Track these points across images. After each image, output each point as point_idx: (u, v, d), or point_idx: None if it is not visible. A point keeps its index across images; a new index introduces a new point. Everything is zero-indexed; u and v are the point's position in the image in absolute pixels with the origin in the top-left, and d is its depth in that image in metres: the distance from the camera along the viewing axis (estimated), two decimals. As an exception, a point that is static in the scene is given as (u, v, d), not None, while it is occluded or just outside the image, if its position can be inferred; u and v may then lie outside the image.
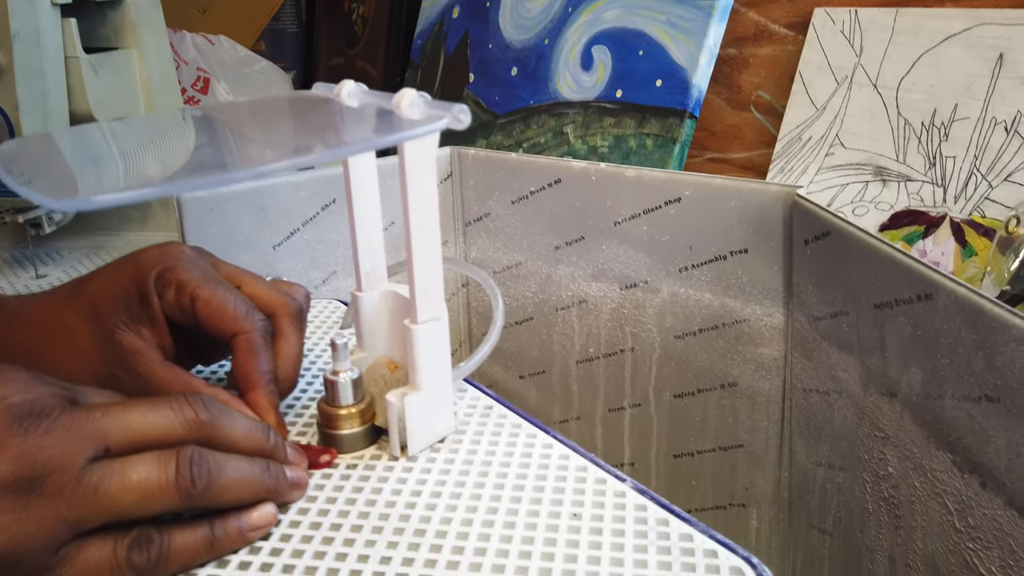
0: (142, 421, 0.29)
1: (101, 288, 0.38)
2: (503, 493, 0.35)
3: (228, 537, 0.30)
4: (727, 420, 0.62)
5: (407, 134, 0.32)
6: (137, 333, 0.37)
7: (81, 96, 0.85)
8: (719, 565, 0.30)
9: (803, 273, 0.52)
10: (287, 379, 0.40)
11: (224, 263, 0.41)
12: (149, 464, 0.28)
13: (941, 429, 0.39)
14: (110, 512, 0.27)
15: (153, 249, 0.39)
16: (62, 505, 0.26)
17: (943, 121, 0.64)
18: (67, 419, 0.27)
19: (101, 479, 0.27)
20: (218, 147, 0.32)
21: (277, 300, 0.41)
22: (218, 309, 0.37)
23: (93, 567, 0.27)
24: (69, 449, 0.26)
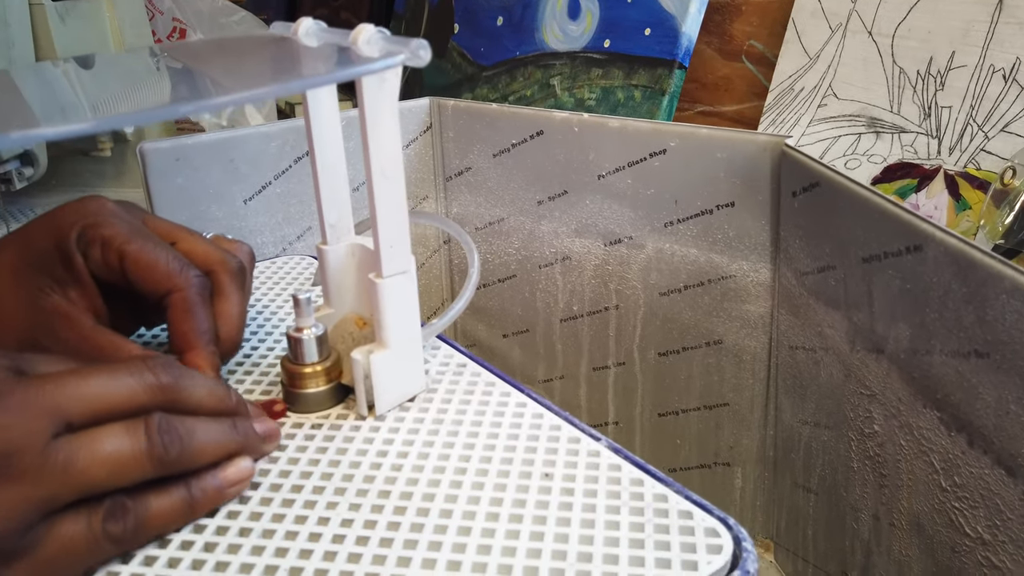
0: (101, 390, 0.27)
1: (19, 251, 0.36)
2: (473, 453, 0.34)
3: (206, 496, 0.29)
4: (712, 378, 0.61)
5: (361, 69, 0.29)
6: (64, 296, 0.35)
7: (48, 45, 0.82)
8: (694, 526, 0.29)
9: (790, 227, 0.51)
10: (229, 340, 0.37)
11: (157, 218, 0.38)
12: (118, 436, 0.26)
13: (928, 386, 0.38)
14: (82, 488, 0.25)
15: (72, 204, 0.36)
16: (28, 486, 0.24)
17: (939, 69, 0.62)
18: (20, 395, 0.25)
19: (69, 455, 0.25)
20: (167, 83, 0.30)
21: (215, 256, 0.38)
22: (148, 265, 0.35)
23: (68, 543, 0.25)
24: (28, 428, 0.25)
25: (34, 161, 0.83)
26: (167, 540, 0.29)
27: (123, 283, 0.35)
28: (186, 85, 0.29)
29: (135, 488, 0.28)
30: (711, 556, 0.28)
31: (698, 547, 0.28)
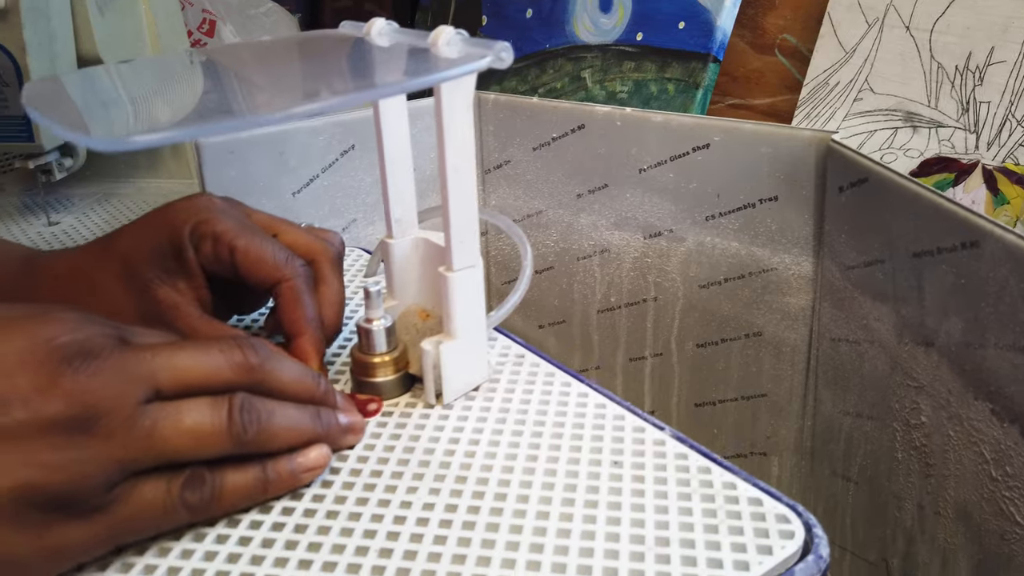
0: (192, 363, 0.28)
1: (133, 244, 0.38)
2: (541, 440, 0.35)
3: (280, 478, 0.31)
4: (750, 369, 0.62)
5: (447, 73, 0.30)
6: (173, 287, 0.37)
7: (88, 38, 0.83)
8: (764, 513, 0.30)
9: (836, 221, 0.52)
10: (332, 325, 0.40)
11: (256, 212, 0.41)
12: (202, 409, 0.28)
13: (981, 378, 0.39)
14: (163, 454, 0.27)
15: (184, 202, 0.38)
16: (115, 446, 0.26)
17: (978, 65, 0.63)
18: (118, 359, 0.27)
19: (155, 422, 0.27)
20: (250, 88, 0.31)
21: (316, 246, 0.40)
22: (258, 258, 0.37)
23: (147, 505, 0.27)
24: (121, 390, 0.26)
25: (74, 152, 0.85)
26: (259, 521, 0.30)
27: (231, 275, 0.37)
28: (291, 86, 0.31)
29: (215, 462, 0.29)
30: (784, 541, 0.29)
31: (770, 533, 0.29)
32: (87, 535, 0.26)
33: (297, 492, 0.32)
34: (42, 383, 0.25)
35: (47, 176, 0.82)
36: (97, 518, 0.26)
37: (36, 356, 0.25)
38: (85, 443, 0.25)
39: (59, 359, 0.26)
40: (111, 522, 0.26)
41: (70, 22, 0.80)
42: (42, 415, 0.25)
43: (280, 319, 0.37)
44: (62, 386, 0.25)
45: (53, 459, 0.25)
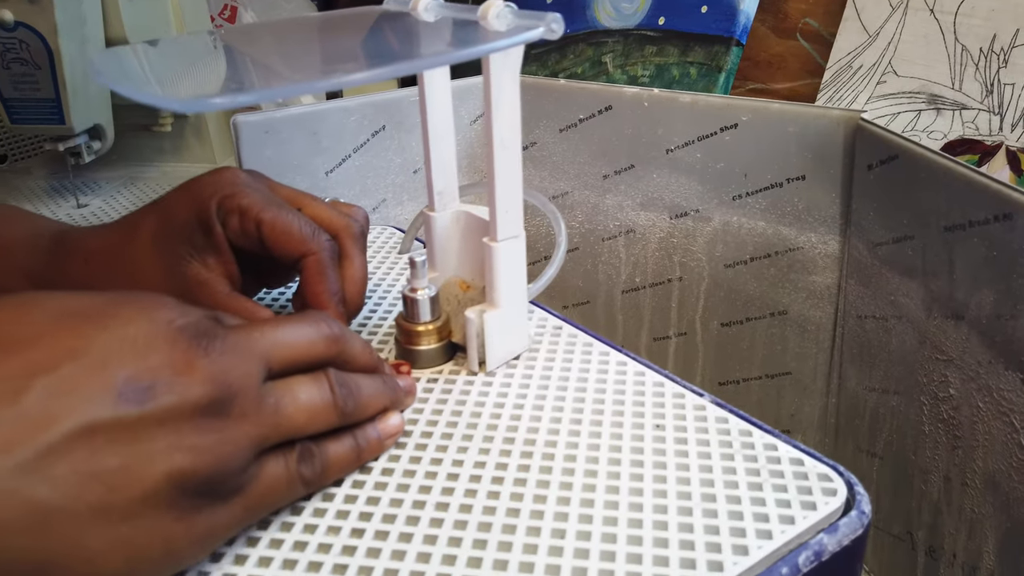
0: (294, 339, 0.29)
1: (162, 220, 0.38)
2: (584, 405, 0.36)
3: (370, 446, 0.32)
4: (775, 348, 0.63)
5: (498, 44, 0.31)
6: (203, 264, 0.37)
7: (116, 22, 0.84)
8: (807, 472, 0.31)
9: (864, 199, 0.52)
10: (354, 301, 0.40)
11: (281, 185, 0.41)
12: (310, 386, 0.28)
13: (1012, 349, 0.40)
14: (286, 431, 0.27)
15: (209, 177, 0.38)
16: (250, 425, 0.26)
17: (1003, 47, 0.63)
18: (233, 340, 0.27)
19: (277, 400, 0.27)
20: (308, 57, 0.32)
21: (340, 222, 0.40)
22: (284, 232, 0.37)
23: (273, 482, 0.27)
24: (246, 370, 0.26)
25: (102, 135, 0.86)
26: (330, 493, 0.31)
27: (259, 249, 0.37)
28: (349, 55, 0.32)
29: (315, 438, 0.30)
30: (827, 498, 0.30)
31: (813, 490, 0.30)
32: (230, 517, 0.26)
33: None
34: (179, 366, 0.25)
35: (76, 159, 0.83)
36: (236, 499, 0.26)
37: (165, 338, 0.25)
38: (224, 425, 0.25)
39: (187, 340, 0.25)
40: (247, 502, 0.27)
41: (99, 6, 0.81)
42: (187, 399, 0.24)
43: (304, 293, 0.37)
44: (200, 369, 0.25)
45: (201, 442, 0.24)
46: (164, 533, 0.24)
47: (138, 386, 0.23)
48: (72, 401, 0.22)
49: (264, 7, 1.23)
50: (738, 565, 0.27)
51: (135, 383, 0.23)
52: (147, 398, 0.23)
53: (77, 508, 0.22)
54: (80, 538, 0.22)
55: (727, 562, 0.27)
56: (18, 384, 0.22)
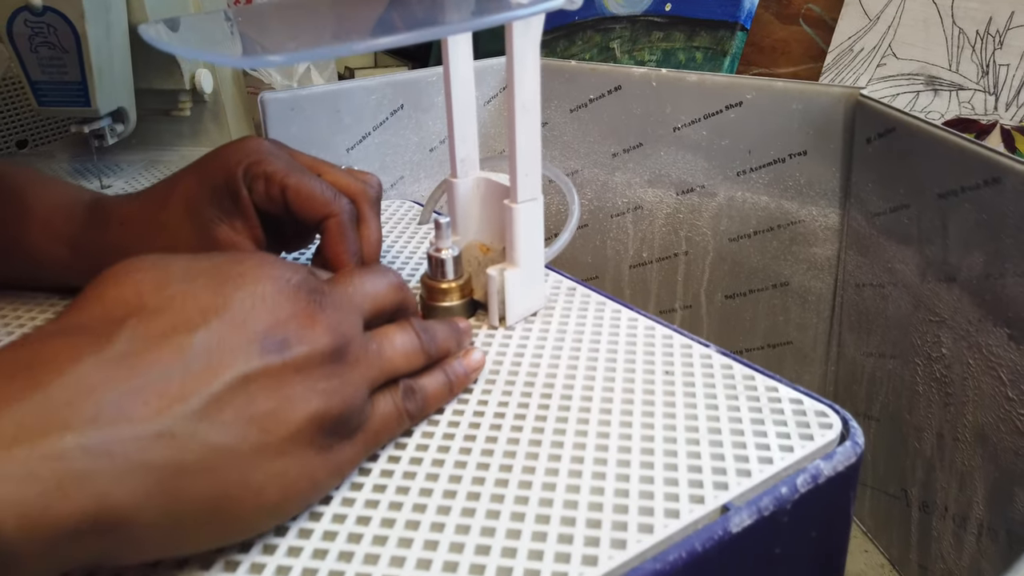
0: (375, 289, 0.32)
1: (192, 187, 0.40)
2: (598, 355, 0.39)
3: (459, 379, 0.34)
4: (777, 319, 0.65)
5: (523, 12, 0.34)
6: (231, 227, 0.39)
7: (139, 7, 0.86)
8: (805, 409, 0.34)
9: (863, 172, 0.55)
10: (371, 260, 0.42)
11: (300, 153, 0.43)
12: (398, 333, 0.31)
13: (1000, 306, 0.42)
14: (390, 371, 0.30)
15: (235, 144, 0.40)
16: (363, 368, 0.29)
17: (998, 29, 0.65)
18: (337, 294, 0.29)
19: (378, 344, 0.30)
20: (352, 22, 0.35)
21: (356, 187, 0.43)
22: (307, 195, 0.39)
23: (386, 418, 0.30)
24: (353, 321, 0.29)
25: (125, 118, 0.88)
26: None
27: (282, 213, 0.40)
28: (406, 17, 0.34)
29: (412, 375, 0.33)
30: (823, 431, 0.33)
31: (811, 424, 0.33)
32: (355, 451, 0.29)
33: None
34: (304, 320, 0.27)
35: (100, 141, 0.86)
36: (358, 436, 0.29)
37: (288, 295, 0.27)
38: (344, 370, 0.28)
39: (305, 297, 0.27)
40: (366, 437, 0.29)
41: (123, -12, 0.83)
42: (316, 348, 0.27)
43: (325, 253, 0.40)
44: (320, 321, 0.27)
45: (330, 386, 0.27)
46: (309, 466, 0.26)
47: (275, 339, 0.26)
48: (227, 354, 0.25)
49: (278, -5, 1.25)
50: (741, 485, 0.29)
51: (272, 336, 0.26)
52: (284, 348, 0.26)
53: (242, 448, 0.24)
54: (245, 474, 0.25)
55: (731, 483, 0.29)
56: (180, 340, 0.24)
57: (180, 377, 0.24)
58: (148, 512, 0.23)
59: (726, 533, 0.28)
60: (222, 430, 0.24)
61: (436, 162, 0.72)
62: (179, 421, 0.23)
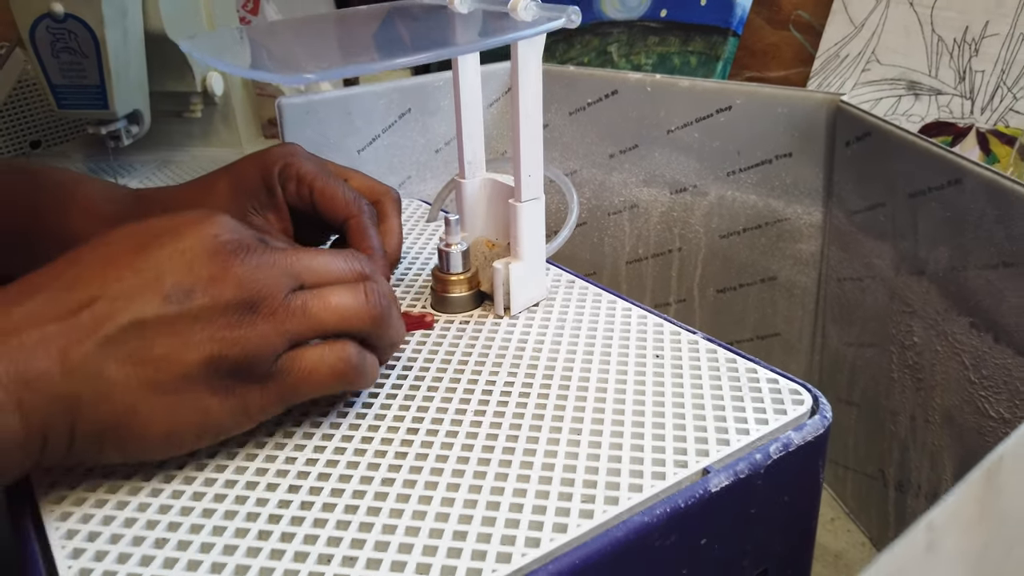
0: (325, 267, 0.34)
1: (234, 180, 0.45)
2: (595, 341, 0.43)
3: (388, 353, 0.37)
4: (766, 311, 0.69)
5: (530, 31, 0.38)
6: (264, 219, 0.44)
7: (155, 14, 0.89)
8: (780, 388, 0.38)
9: (843, 172, 0.59)
10: (394, 254, 0.46)
11: (330, 161, 0.48)
12: (342, 292, 0.33)
13: (963, 296, 0.46)
14: (315, 328, 0.32)
15: (275, 148, 0.45)
16: (276, 322, 0.31)
17: (974, 37, 0.69)
18: (269, 256, 0.32)
19: (304, 303, 0.32)
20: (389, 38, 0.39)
21: (380, 188, 0.48)
22: (331, 197, 0.44)
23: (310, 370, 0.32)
24: (274, 282, 0.32)
25: (140, 120, 0.91)
26: (373, 393, 0.38)
27: (310, 211, 0.44)
28: (404, 41, 0.38)
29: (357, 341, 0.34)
30: (796, 406, 0.36)
31: (785, 401, 0.37)
32: (263, 397, 0.32)
33: (400, 373, 0.40)
34: (216, 273, 0.30)
35: (116, 142, 0.89)
36: (270, 384, 0.32)
37: (207, 250, 0.30)
38: (252, 321, 0.30)
39: (226, 253, 0.31)
40: (280, 387, 0.32)
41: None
42: (219, 299, 0.30)
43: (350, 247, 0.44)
44: (233, 274, 0.30)
45: (231, 335, 0.30)
46: (201, 404, 0.30)
47: (181, 290, 0.30)
48: (129, 303, 0.29)
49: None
50: (721, 452, 0.33)
51: (179, 287, 0.30)
52: (186, 299, 0.29)
53: (131, 384, 0.29)
54: (134, 406, 0.29)
55: (712, 450, 0.33)
56: (94, 291, 0.29)
57: (88, 323, 0.29)
58: (59, 431, 0.28)
59: (706, 492, 0.32)
60: (115, 367, 0.29)
61: (441, 162, 0.76)
62: (78, 357, 0.28)
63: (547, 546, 0.29)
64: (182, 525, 0.30)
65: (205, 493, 0.32)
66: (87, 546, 0.29)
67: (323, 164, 0.46)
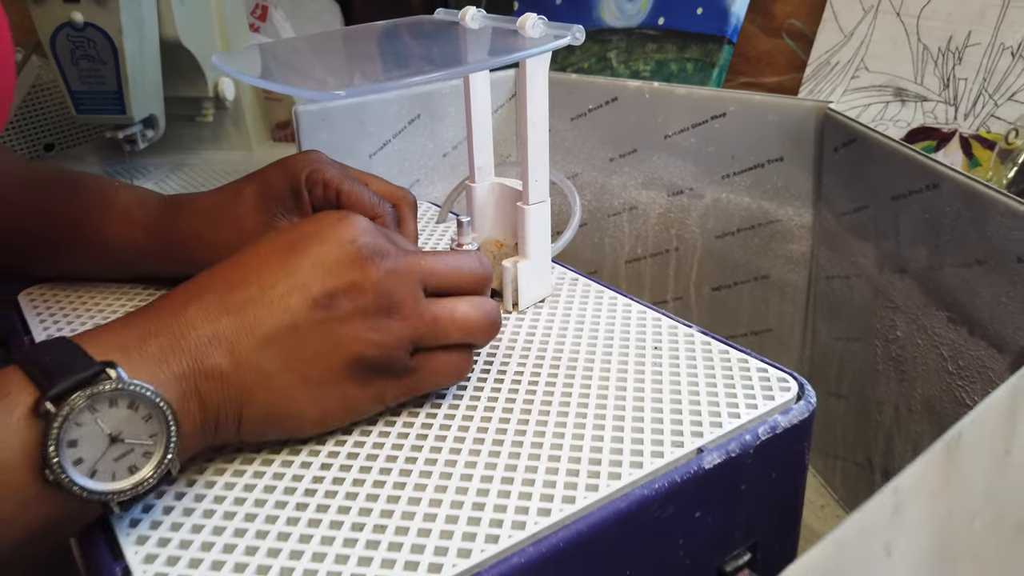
0: (447, 270, 0.37)
1: (261, 186, 0.48)
2: (598, 334, 0.46)
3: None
4: (759, 308, 0.72)
5: (538, 49, 0.41)
6: (291, 222, 0.47)
7: (170, 22, 0.92)
8: (769, 376, 0.41)
9: (831, 176, 0.62)
10: None
11: (350, 167, 0.51)
12: (467, 306, 0.37)
13: (941, 293, 0.49)
14: (441, 338, 0.36)
15: (301, 155, 0.48)
16: (410, 327, 0.35)
17: (957, 46, 0.73)
18: (402, 261, 0.35)
19: (435, 312, 0.36)
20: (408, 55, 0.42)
21: (399, 193, 0.51)
22: (357, 200, 0.47)
23: (434, 373, 0.37)
24: (407, 288, 0.35)
25: (155, 124, 0.94)
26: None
27: None
28: (424, 57, 0.41)
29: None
30: (783, 392, 0.40)
31: (773, 388, 0.40)
32: (397, 388, 0.36)
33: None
34: (357, 279, 0.33)
35: (132, 146, 0.92)
36: (405, 378, 0.36)
37: (348, 255, 0.34)
38: (388, 325, 0.34)
39: (363, 258, 0.34)
40: (412, 381, 0.36)
41: (155, 8, 0.90)
42: (360, 305, 0.33)
43: None
44: (371, 281, 0.33)
45: (371, 338, 0.33)
46: (346, 394, 0.34)
47: (327, 296, 0.33)
48: (283, 307, 0.32)
49: (291, 6, 1.32)
50: (714, 433, 0.37)
51: (325, 294, 0.33)
52: (333, 306, 0.33)
53: (287, 377, 0.32)
54: (291, 395, 0.33)
55: (705, 431, 0.37)
56: (252, 293, 0.33)
57: (250, 322, 0.32)
58: (229, 415, 0.32)
59: (700, 469, 0.35)
60: (274, 362, 0.32)
61: (449, 166, 0.79)
62: (244, 353, 0.32)
63: (556, 516, 0.32)
64: (238, 512, 0.33)
65: (275, 486, 0.35)
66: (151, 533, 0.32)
67: (345, 169, 0.49)
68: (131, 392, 0.29)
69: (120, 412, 0.28)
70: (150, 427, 0.29)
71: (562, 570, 0.31)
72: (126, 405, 0.29)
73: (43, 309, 0.50)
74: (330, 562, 0.30)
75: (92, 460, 0.28)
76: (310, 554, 0.30)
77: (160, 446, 0.29)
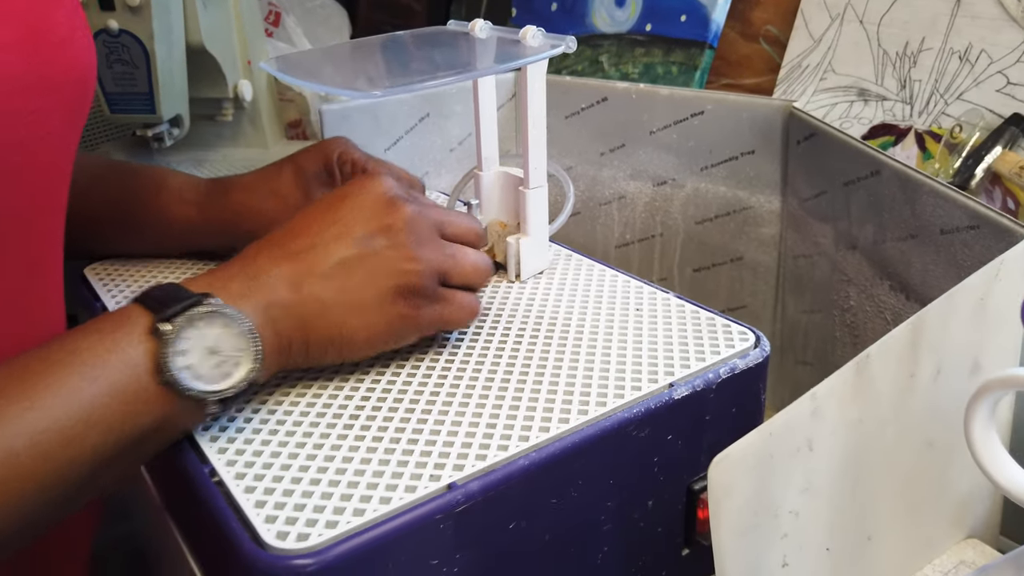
0: (457, 220, 0.46)
1: (297, 167, 0.55)
2: (589, 297, 0.54)
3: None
4: (735, 287, 0.80)
5: (537, 57, 0.49)
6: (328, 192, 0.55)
7: (195, 28, 0.98)
8: (732, 331, 0.48)
9: (796, 166, 0.70)
10: None
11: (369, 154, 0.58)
12: (477, 255, 0.45)
13: (883, 265, 0.57)
14: (458, 277, 0.44)
15: (330, 140, 0.56)
16: (435, 261, 0.42)
17: (913, 51, 0.80)
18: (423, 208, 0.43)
19: (454, 253, 0.44)
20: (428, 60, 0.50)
21: (412, 177, 0.59)
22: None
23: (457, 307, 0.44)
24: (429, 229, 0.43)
25: (181, 123, 1.00)
26: (418, 336, 0.49)
27: None
28: (443, 63, 0.49)
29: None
30: (742, 342, 0.47)
31: (734, 339, 0.48)
32: (430, 313, 0.42)
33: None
34: (390, 221, 0.41)
35: (159, 143, 0.99)
36: (435, 305, 0.43)
37: (381, 202, 0.41)
38: (420, 255, 0.42)
39: (394, 205, 0.41)
40: (442, 310, 0.43)
41: (182, 14, 0.97)
42: (395, 240, 0.41)
43: None
44: (402, 220, 0.41)
45: (407, 267, 0.41)
46: (389, 318, 0.41)
47: (367, 236, 0.41)
48: (334, 248, 0.40)
49: (302, 12, 1.39)
50: (683, 372, 0.44)
51: (366, 234, 0.41)
52: (373, 243, 0.41)
53: (341, 306, 0.40)
54: (345, 321, 0.40)
55: (676, 370, 0.44)
56: (310, 240, 0.40)
57: (308, 264, 0.40)
58: (298, 341, 0.39)
59: (671, 399, 0.43)
60: (330, 294, 0.40)
61: (455, 160, 0.87)
62: (306, 286, 0.39)
63: (554, 431, 0.39)
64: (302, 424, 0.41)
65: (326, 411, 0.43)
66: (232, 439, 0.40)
67: (367, 154, 0.58)
68: (224, 314, 0.36)
69: (216, 330, 0.36)
70: (240, 342, 0.37)
71: (553, 476, 0.39)
72: (221, 324, 0.36)
73: (108, 282, 0.58)
74: (376, 464, 0.37)
75: (196, 366, 0.36)
76: (359, 459, 0.38)
77: (248, 357, 0.37)
